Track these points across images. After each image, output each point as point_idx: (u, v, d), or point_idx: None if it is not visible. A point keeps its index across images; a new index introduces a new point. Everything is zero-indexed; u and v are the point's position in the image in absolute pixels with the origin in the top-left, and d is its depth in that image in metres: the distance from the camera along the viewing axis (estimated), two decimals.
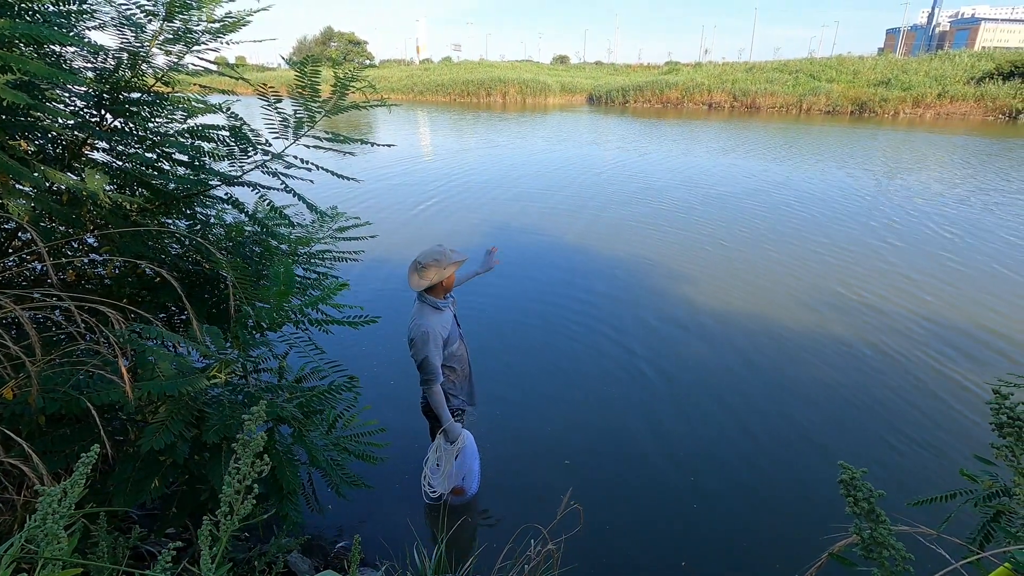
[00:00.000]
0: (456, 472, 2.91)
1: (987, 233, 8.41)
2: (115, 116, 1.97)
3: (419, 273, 2.63)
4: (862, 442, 3.73)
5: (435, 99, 44.85)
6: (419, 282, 2.63)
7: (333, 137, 2.09)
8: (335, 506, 3.04)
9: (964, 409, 4.08)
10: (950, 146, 18.36)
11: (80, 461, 0.92)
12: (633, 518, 3.09)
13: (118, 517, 2.10)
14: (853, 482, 0.74)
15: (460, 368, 2.91)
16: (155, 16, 1.83)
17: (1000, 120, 27.82)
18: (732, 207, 10.00)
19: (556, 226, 8.81)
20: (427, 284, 2.62)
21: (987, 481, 1.71)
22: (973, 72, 31.66)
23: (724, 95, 36.56)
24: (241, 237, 2.36)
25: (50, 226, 1.91)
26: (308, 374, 2.42)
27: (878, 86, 32.93)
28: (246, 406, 1.75)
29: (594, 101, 42.54)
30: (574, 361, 4.75)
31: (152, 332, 1.58)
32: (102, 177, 1.75)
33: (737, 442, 3.72)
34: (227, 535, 0.80)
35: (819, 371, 4.59)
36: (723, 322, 5.47)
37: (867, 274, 6.74)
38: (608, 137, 21.07)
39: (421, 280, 2.63)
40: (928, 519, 1.52)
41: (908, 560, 0.72)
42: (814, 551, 1.39)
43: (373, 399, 4.05)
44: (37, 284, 2.09)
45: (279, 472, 1.81)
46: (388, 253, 7.31)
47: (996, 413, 0.88)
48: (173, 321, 2.38)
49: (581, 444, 3.69)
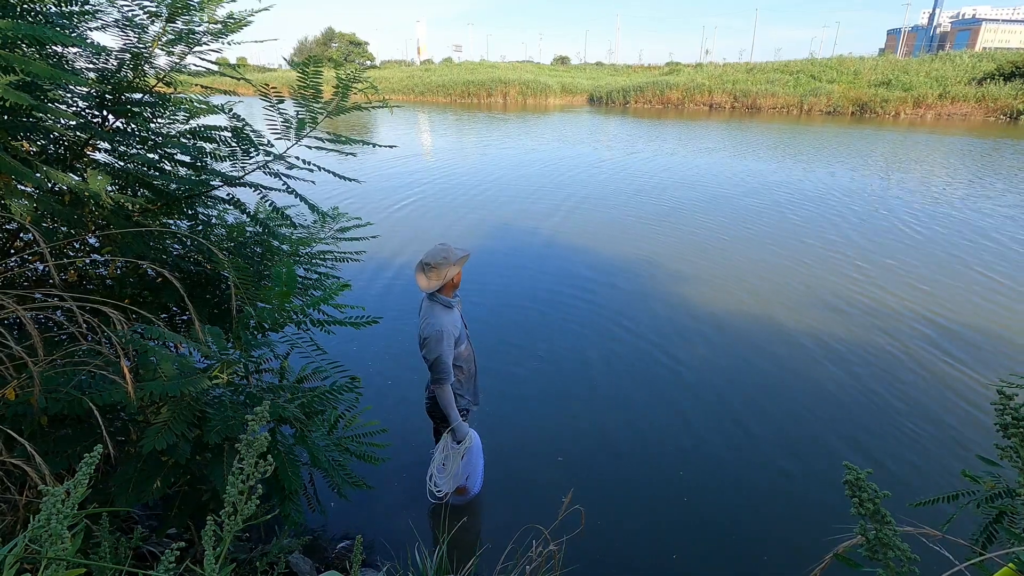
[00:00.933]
0: (461, 472, 2.91)
1: (993, 234, 8.41)
2: (117, 117, 1.97)
3: (426, 274, 2.66)
4: (865, 442, 3.72)
5: (436, 100, 44.88)
6: (428, 283, 2.65)
7: (335, 138, 2.09)
8: (337, 506, 3.04)
9: (972, 410, 4.07)
10: (957, 147, 18.35)
11: (83, 461, 0.92)
12: (636, 518, 3.09)
13: (120, 517, 2.10)
14: (858, 483, 0.74)
15: (467, 368, 2.92)
16: (157, 17, 1.83)
17: (1001, 121, 27.78)
18: (733, 206, 9.99)
19: (563, 224, 8.82)
20: (437, 284, 2.64)
21: (989, 482, 1.71)
22: (974, 73, 31.63)
23: (725, 96, 36.55)
24: (243, 237, 2.36)
25: (52, 227, 1.92)
26: (310, 374, 2.42)
27: (879, 87, 32.90)
28: (248, 407, 1.75)
29: (595, 102, 42.55)
30: (577, 360, 4.75)
31: (154, 332, 1.58)
32: (104, 178, 1.75)
33: (740, 443, 3.72)
34: (231, 535, 0.80)
35: (822, 370, 4.59)
36: (725, 321, 5.46)
37: (871, 272, 6.74)
38: (614, 138, 21.07)
39: (430, 281, 2.65)
40: (930, 520, 1.51)
41: (913, 561, 0.71)
42: (819, 553, 1.39)
43: (375, 399, 4.05)
44: (39, 284, 2.09)
45: (281, 472, 1.81)
46: (393, 253, 7.32)
47: (1001, 414, 0.88)
48: (175, 321, 2.39)
49: (582, 444, 3.69)
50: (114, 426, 1.81)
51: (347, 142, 2.09)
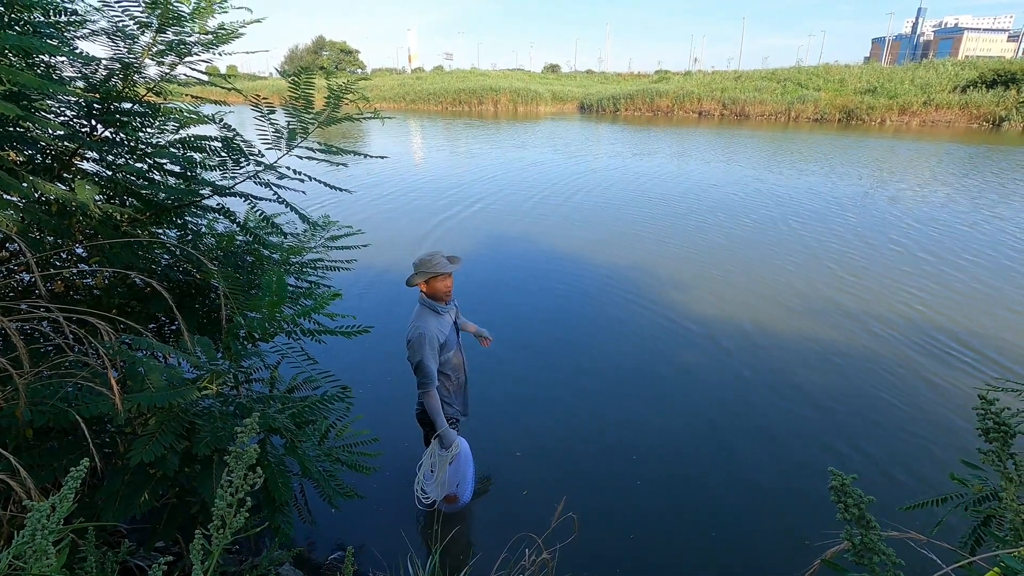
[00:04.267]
0: (450, 479, 2.89)
1: (992, 243, 8.54)
2: (106, 126, 1.96)
3: (412, 275, 2.81)
4: (854, 446, 3.75)
5: (427, 108, 44.99)
6: (411, 279, 2.82)
7: (326, 148, 2.09)
8: (328, 517, 3.01)
9: (958, 414, 4.11)
10: (951, 154, 18.64)
11: (69, 475, 0.91)
12: (628, 526, 3.08)
13: (107, 531, 2.07)
14: (843, 488, 0.75)
15: (455, 376, 2.92)
16: (148, 27, 1.83)
17: (984, 127, 28.28)
18: (729, 210, 10.09)
19: (557, 229, 8.85)
20: (413, 284, 2.81)
21: (977, 485, 1.73)
22: (957, 80, 32.21)
23: (714, 103, 36.95)
24: (232, 247, 2.35)
25: (39, 237, 1.90)
26: (300, 384, 2.40)
27: (865, 94, 33.41)
28: (237, 417, 1.73)
29: (585, 109, 42.85)
30: (567, 366, 4.75)
31: (142, 343, 1.56)
32: (92, 187, 1.74)
33: (732, 450, 3.73)
34: (219, 549, 0.80)
35: (810, 374, 4.62)
36: (716, 326, 5.50)
37: (865, 278, 6.81)
38: (613, 145, 21.20)
39: (412, 279, 2.81)
40: (921, 523, 1.53)
41: (899, 566, 0.72)
42: (810, 558, 1.40)
43: (366, 408, 4.02)
44: (25, 295, 2.07)
45: (271, 484, 1.79)
46: (388, 261, 7.31)
47: (982, 419, 0.89)
48: (163, 331, 2.37)
49: (575, 451, 3.69)
50: (101, 438, 1.79)
51: (338, 152, 2.10)
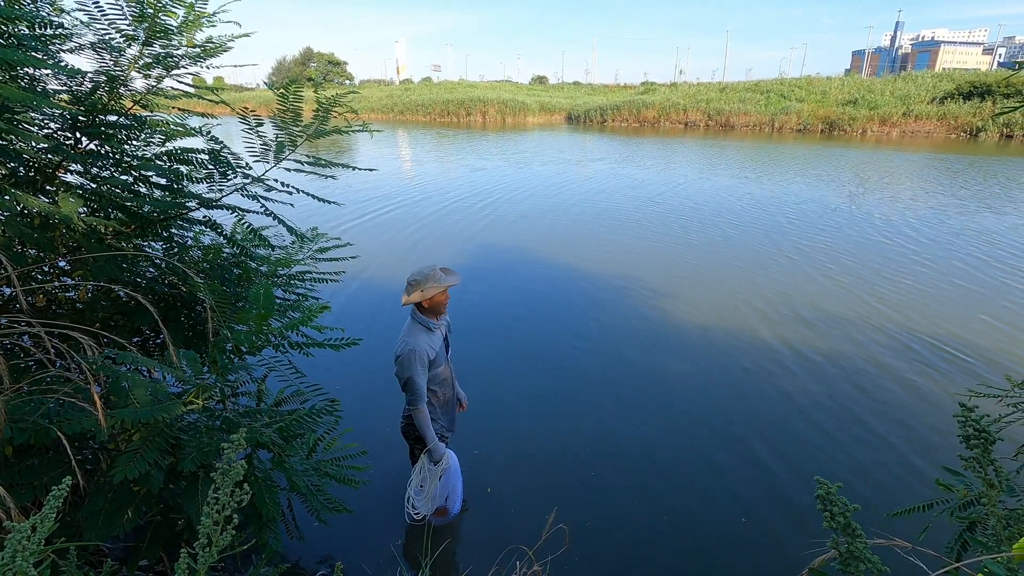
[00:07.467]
0: (440, 493, 2.87)
1: (991, 248, 8.71)
2: (91, 139, 1.95)
3: (406, 290, 2.67)
4: (841, 455, 3.78)
5: (415, 119, 45.10)
6: (405, 298, 2.66)
7: (314, 161, 2.09)
8: (316, 532, 2.97)
9: (942, 420, 4.17)
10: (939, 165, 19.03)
11: (50, 494, 0.89)
12: (620, 537, 3.07)
13: (89, 551, 2.03)
14: (829, 497, 0.75)
15: (442, 392, 2.89)
16: (135, 40, 1.83)
17: (962, 138, 28.97)
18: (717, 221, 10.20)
19: (549, 241, 8.88)
20: (411, 302, 2.65)
21: (962, 491, 1.75)
22: (935, 92, 33.03)
23: (699, 114, 37.51)
24: (219, 259, 2.33)
25: (20, 251, 1.87)
26: (288, 397, 2.38)
27: (846, 105, 34.12)
28: (224, 432, 1.71)
29: (573, 120, 43.23)
30: (555, 377, 4.75)
31: (126, 357, 1.54)
32: (76, 200, 1.72)
33: (719, 461, 3.74)
34: (205, 567, 0.79)
35: (796, 382, 4.66)
36: (704, 336, 5.54)
37: (851, 287, 6.91)
38: (608, 156, 21.38)
39: (407, 297, 2.65)
40: (909, 528, 1.55)
41: (885, 573, 0.73)
42: (800, 567, 1.41)
43: (354, 421, 3.99)
44: (5, 310, 2.03)
45: (258, 499, 1.77)
46: (381, 272, 7.28)
47: (963, 426, 0.91)
48: (148, 345, 2.33)
49: (565, 463, 3.68)
50: (83, 455, 1.75)
51: (327, 165, 2.10)
